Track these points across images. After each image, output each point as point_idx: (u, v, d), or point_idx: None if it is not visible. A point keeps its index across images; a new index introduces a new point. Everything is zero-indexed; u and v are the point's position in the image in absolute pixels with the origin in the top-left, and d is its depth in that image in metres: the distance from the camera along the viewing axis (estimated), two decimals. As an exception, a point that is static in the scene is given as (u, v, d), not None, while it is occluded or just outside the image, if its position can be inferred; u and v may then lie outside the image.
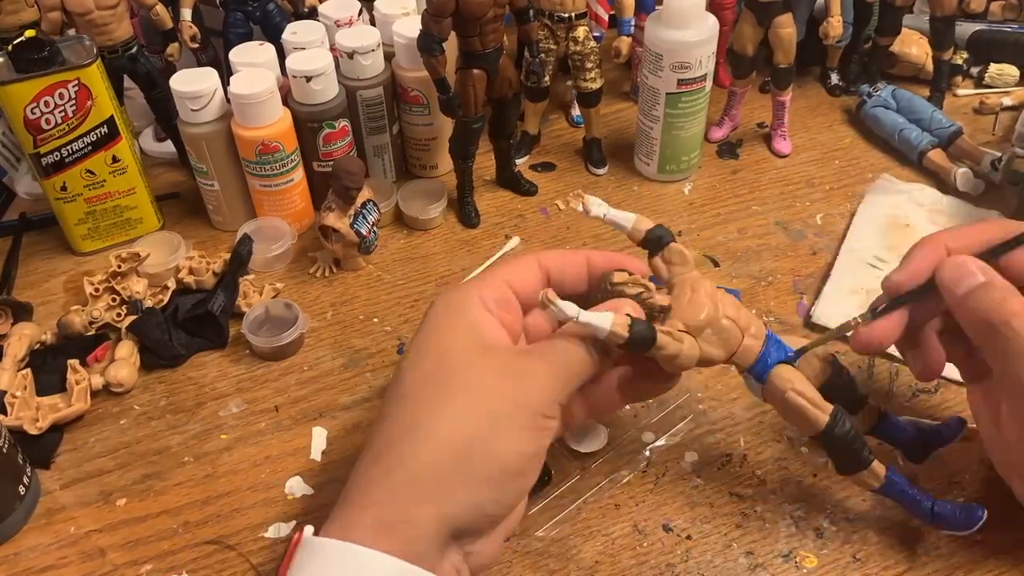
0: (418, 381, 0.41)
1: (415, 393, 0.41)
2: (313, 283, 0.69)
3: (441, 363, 0.41)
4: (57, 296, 0.69)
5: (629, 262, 0.47)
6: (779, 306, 0.65)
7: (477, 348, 0.42)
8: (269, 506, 0.53)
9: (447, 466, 0.38)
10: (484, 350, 0.42)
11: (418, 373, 0.42)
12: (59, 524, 0.52)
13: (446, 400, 0.40)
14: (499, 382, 0.40)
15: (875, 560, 0.48)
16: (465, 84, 0.67)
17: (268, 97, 0.67)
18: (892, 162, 0.79)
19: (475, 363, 0.41)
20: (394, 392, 0.42)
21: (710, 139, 0.83)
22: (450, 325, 0.43)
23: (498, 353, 0.42)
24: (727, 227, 0.73)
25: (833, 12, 0.78)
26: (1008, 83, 0.87)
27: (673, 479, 0.53)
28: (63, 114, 0.65)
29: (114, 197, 0.71)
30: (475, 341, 0.42)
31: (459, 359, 0.41)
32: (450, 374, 0.41)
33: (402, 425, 0.40)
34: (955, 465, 0.53)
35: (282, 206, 0.72)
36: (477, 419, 0.39)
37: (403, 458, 0.39)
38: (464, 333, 0.42)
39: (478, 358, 0.41)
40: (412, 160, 0.80)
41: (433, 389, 0.41)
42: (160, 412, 0.59)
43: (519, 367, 0.41)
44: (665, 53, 0.70)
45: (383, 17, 0.75)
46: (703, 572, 0.48)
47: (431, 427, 0.39)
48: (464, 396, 0.40)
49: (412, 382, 0.41)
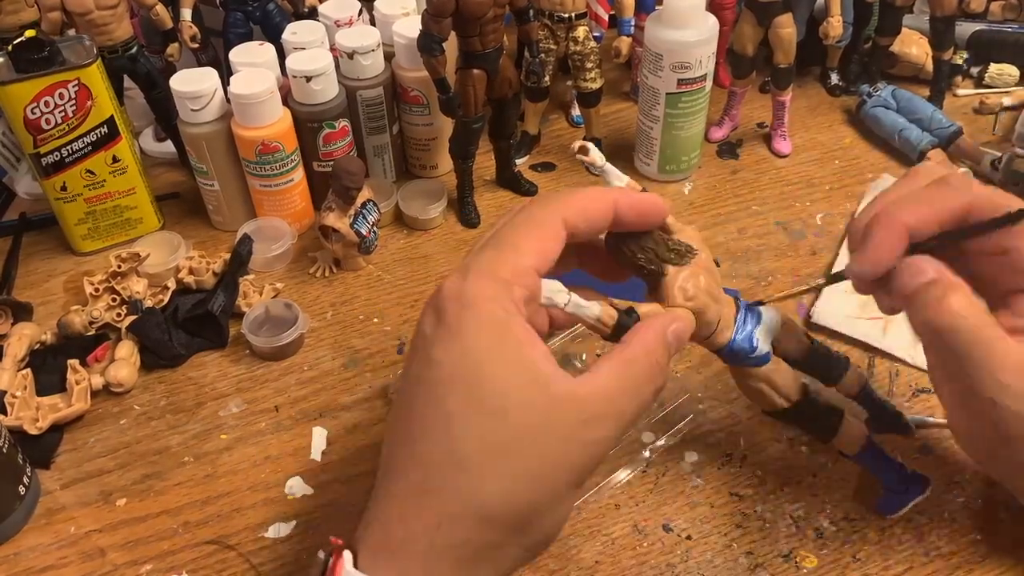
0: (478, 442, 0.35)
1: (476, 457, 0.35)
2: (313, 283, 0.69)
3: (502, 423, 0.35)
4: (57, 296, 0.69)
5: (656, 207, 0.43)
6: (779, 306, 0.65)
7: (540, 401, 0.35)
8: (269, 506, 0.53)
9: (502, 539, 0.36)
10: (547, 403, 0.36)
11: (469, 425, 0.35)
12: (59, 524, 0.52)
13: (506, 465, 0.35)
14: (565, 450, 0.36)
15: (875, 560, 0.48)
16: (465, 84, 0.67)
17: (268, 97, 0.67)
18: (892, 162, 0.79)
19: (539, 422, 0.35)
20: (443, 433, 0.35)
21: (710, 139, 0.83)
22: (500, 362, 0.36)
23: (561, 406, 0.36)
24: (727, 227, 0.73)
25: (833, 12, 0.78)
26: (1008, 83, 0.87)
27: (673, 479, 0.53)
28: (63, 114, 0.65)
29: (114, 197, 0.71)
30: (532, 383, 0.35)
31: (521, 416, 0.35)
32: (512, 439, 0.35)
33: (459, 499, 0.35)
34: (955, 465, 0.53)
35: (282, 206, 0.72)
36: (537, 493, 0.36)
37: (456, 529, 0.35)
38: (518, 374, 0.35)
39: (543, 416, 0.35)
40: (412, 160, 0.80)
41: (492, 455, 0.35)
42: (160, 412, 0.59)
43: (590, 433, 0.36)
44: (665, 53, 0.70)
45: (383, 17, 0.75)
46: (703, 572, 0.48)
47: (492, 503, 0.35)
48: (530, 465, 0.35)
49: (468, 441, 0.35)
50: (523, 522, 0.36)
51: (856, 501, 0.51)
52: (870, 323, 0.61)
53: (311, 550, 0.50)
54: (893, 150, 0.80)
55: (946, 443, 0.54)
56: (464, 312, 0.36)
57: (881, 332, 0.61)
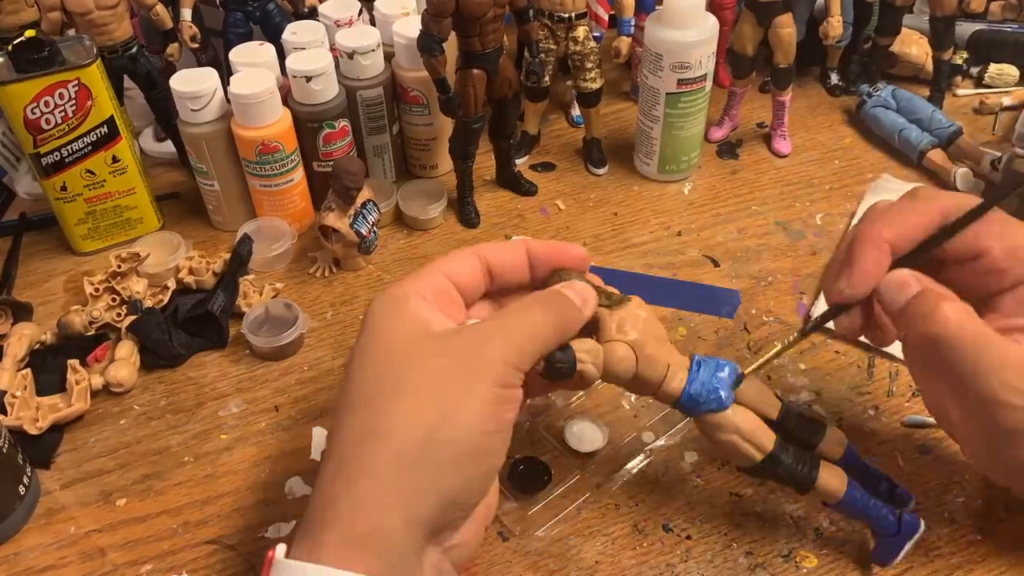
0: (367, 383, 0.39)
1: (365, 397, 0.39)
2: (313, 283, 0.69)
3: (388, 360, 0.39)
4: (57, 296, 0.69)
5: (571, 252, 0.46)
6: (779, 306, 0.65)
7: (422, 335, 0.40)
8: (269, 506, 0.53)
9: (408, 465, 0.37)
10: (430, 336, 0.40)
11: (366, 374, 0.40)
12: (59, 524, 0.52)
13: (397, 396, 0.38)
14: (450, 362, 0.39)
15: (875, 560, 0.48)
16: (465, 84, 0.67)
17: (268, 97, 0.67)
18: (892, 162, 0.79)
19: (423, 350, 0.39)
20: (344, 400, 0.40)
21: (710, 139, 0.83)
22: (390, 320, 0.41)
23: (446, 334, 0.40)
24: (727, 227, 0.73)
25: (833, 12, 0.78)
26: (1008, 83, 0.87)
27: (673, 479, 0.53)
28: (63, 114, 0.65)
29: (114, 197, 0.71)
30: (419, 329, 0.40)
31: (405, 351, 0.39)
32: (399, 368, 0.39)
33: (357, 432, 0.38)
34: (955, 465, 0.53)
35: (282, 206, 0.72)
36: (431, 407, 0.37)
37: (363, 467, 0.37)
38: (406, 324, 0.40)
39: (425, 344, 0.39)
40: (412, 160, 0.80)
41: (382, 388, 0.39)
42: (160, 412, 0.59)
43: (470, 341, 0.39)
44: (665, 53, 0.70)
45: (383, 17, 0.75)
46: (703, 572, 0.48)
47: (387, 428, 0.37)
48: (415, 387, 0.38)
49: (360, 385, 0.39)
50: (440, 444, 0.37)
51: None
52: (870, 323, 0.61)
53: (311, 550, 0.50)
54: (893, 150, 0.80)
55: (946, 443, 0.54)
56: (372, 305, 0.42)
57: (881, 332, 0.61)
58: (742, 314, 0.64)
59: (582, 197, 0.77)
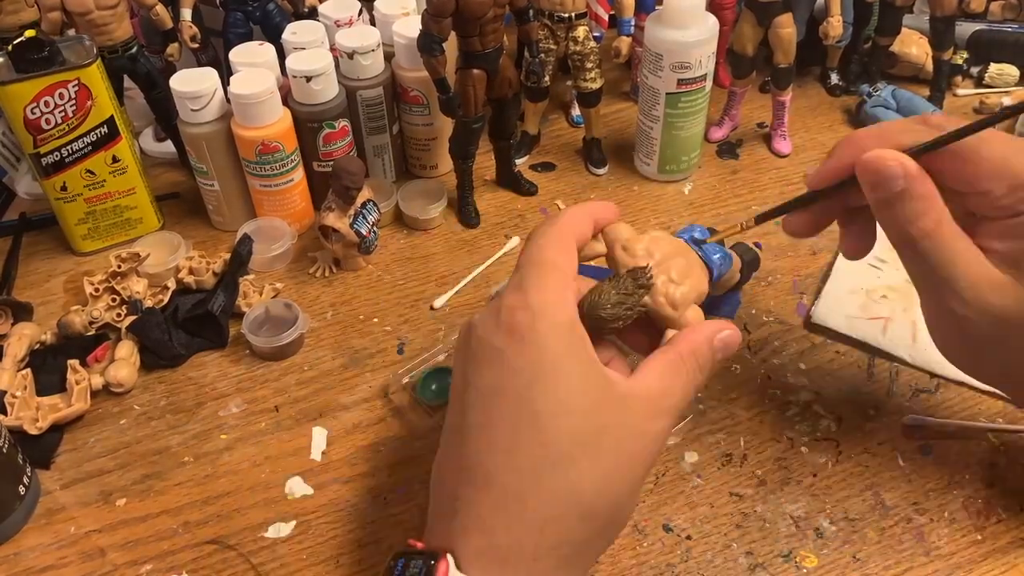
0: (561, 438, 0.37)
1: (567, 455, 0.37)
2: (313, 283, 0.69)
3: (584, 421, 0.37)
4: (57, 296, 0.69)
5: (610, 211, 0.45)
6: (779, 306, 0.65)
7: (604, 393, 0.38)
8: (269, 506, 0.53)
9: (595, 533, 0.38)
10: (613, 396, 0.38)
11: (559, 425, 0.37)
12: (59, 524, 0.52)
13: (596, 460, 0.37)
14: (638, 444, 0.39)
15: (875, 560, 0.48)
16: (465, 84, 0.67)
17: (268, 97, 0.67)
18: (892, 162, 0.79)
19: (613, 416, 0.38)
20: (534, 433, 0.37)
21: (710, 139, 0.83)
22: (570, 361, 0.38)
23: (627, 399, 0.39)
24: (727, 227, 0.73)
25: (833, 12, 0.78)
26: (1008, 83, 0.87)
27: (673, 479, 0.53)
28: (63, 114, 0.65)
29: (114, 197, 0.71)
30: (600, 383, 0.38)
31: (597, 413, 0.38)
32: (596, 434, 0.37)
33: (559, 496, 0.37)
34: (955, 465, 0.53)
35: (282, 206, 0.72)
36: (622, 485, 0.38)
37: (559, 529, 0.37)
38: (588, 377, 0.38)
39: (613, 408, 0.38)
40: (412, 160, 0.80)
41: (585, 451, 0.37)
42: (160, 412, 0.59)
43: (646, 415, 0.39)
44: (665, 53, 0.70)
45: (383, 17, 0.75)
46: (703, 572, 0.48)
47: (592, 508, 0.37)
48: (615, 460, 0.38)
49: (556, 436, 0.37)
50: (614, 513, 0.39)
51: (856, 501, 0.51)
52: (870, 323, 0.61)
53: (311, 550, 0.50)
54: (893, 150, 0.80)
55: (946, 443, 0.54)
56: (537, 320, 0.38)
57: (881, 332, 0.61)
58: (742, 314, 0.64)
59: (582, 197, 0.77)
